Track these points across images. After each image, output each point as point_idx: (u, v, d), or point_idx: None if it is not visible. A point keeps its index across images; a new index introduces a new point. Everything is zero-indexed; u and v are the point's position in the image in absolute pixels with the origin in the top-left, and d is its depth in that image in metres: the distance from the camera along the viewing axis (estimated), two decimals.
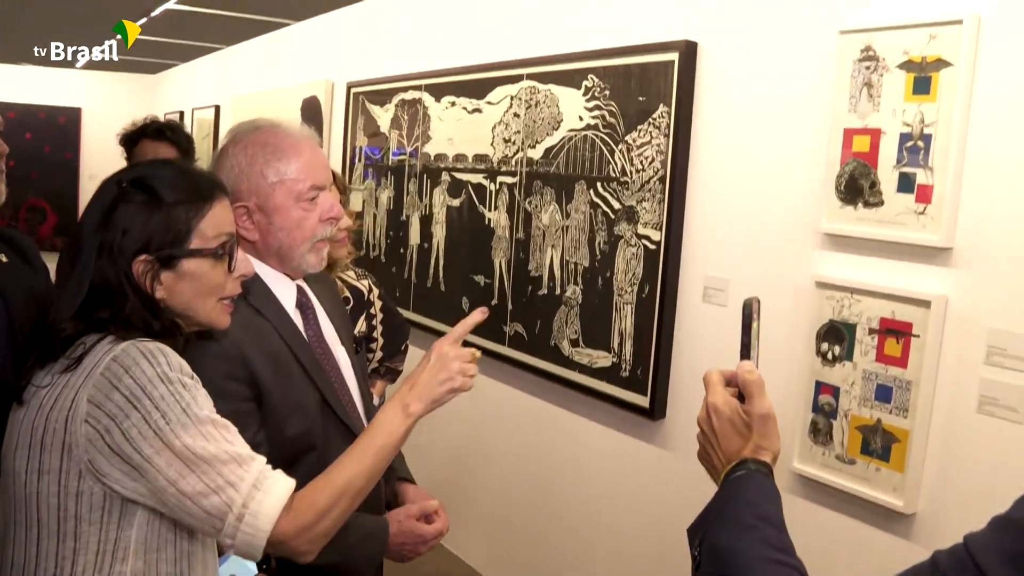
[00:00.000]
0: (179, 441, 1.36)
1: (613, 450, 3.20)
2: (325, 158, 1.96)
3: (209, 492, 1.37)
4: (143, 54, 8.18)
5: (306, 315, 1.97)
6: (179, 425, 1.36)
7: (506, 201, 3.66)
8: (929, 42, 2.15)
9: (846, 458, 2.35)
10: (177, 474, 1.36)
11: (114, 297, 1.47)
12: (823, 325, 2.40)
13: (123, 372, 1.37)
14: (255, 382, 1.79)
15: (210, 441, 1.38)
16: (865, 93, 2.28)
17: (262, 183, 1.84)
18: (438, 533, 2.04)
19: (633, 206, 2.98)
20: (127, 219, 1.50)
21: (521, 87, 3.56)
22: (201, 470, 1.37)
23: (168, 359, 1.40)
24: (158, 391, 1.37)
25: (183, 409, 1.37)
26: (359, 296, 2.79)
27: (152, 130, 3.67)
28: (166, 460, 1.35)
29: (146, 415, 1.35)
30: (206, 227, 1.53)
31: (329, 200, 1.90)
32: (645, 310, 2.95)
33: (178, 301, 1.53)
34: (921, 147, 2.17)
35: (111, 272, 1.48)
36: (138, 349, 1.40)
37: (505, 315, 3.66)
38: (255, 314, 1.84)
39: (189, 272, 1.53)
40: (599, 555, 3.29)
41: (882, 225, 2.26)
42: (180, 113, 8.65)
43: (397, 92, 4.54)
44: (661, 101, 2.87)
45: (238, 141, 1.89)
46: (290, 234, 1.87)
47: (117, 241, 1.48)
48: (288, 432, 1.83)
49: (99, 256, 1.48)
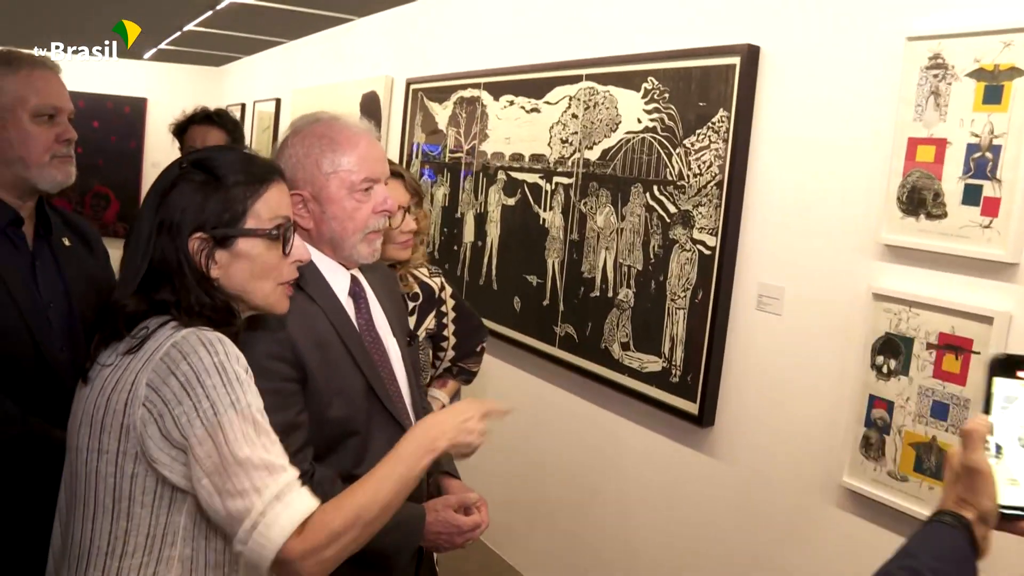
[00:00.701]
0: (221, 435, 1.37)
1: (660, 456, 3.17)
2: (382, 152, 1.99)
3: (235, 494, 1.37)
4: (207, 47, 8.31)
5: (358, 304, 2.01)
6: (226, 418, 1.38)
7: (561, 202, 3.64)
8: (1003, 50, 2.09)
9: (898, 475, 2.30)
10: (213, 467, 1.37)
11: (172, 275, 1.50)
12: (879, 338, 2.35)
13: (181, 358, 1.40)
14: (300, 364, 1.83)
15: (248, 443, 1.39)
16: (932, 102, 2.23)
17: (317, 173, 1.90)
18: (475, 526, 2.04)
19: (689, 210, 2.95)
20: (185, 198, 1.53)
21: (580, 88, 3.54)
22: (233, 471, 1.37)
23: (226, 349, 1.42)
24: (211, 380, 1.39)
25: (232, 402, 1.39)
26: (429, 293, 2.80)
27: (200, 116, 3.81)
28: (206, 451, 1.37)
29: (197, 403, 1.38)
30: (261, 208, 1.57)
31: (383, 193, 1.94)
32: (697, 316, 2.92)
33: (233, 282, 1.56)
34: (989, 159, 2.11)
35: (169, 249, 1.51)
36: (198, 337, 1.42)
37: (556, 316, 3.65)
38: (306, 299, 1.89)
39: (243, 252, 1.55)
40: (641, 561, 3.26)
41: (945, 238, 2.20)
42: (242, 105, 8.76)
43: (456, 90, 4.54)
44: (721, 105, 2.84)
45: (298, 132, 1.95)
46: (342, 224, 1.91)
47: (176, 219, 1.51)
48: (330, 415, 1.88)
49: (158, 234, 1.52)
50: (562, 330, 3.61)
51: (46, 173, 2.07)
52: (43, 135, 2.06)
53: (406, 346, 2.14)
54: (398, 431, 1.95)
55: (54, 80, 2.13)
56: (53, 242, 2.13)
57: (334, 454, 1.92)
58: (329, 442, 1.91)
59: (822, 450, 2.53)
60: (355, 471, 1.89)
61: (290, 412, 1.81)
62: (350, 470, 1.90)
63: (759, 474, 2.76)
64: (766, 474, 2.73)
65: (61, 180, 2.10)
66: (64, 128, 2.11)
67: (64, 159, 2.11)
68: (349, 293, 1.99)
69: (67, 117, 2.13)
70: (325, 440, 1.90)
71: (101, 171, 9.57)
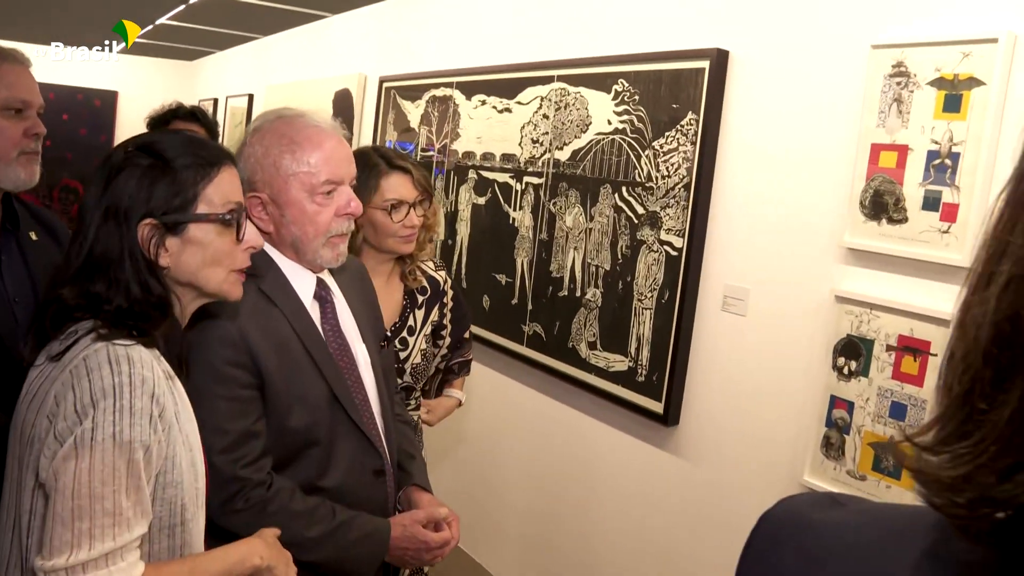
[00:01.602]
0: (88, 460, 1.29)
1: (626, 454, 3.20)
2: (347, 152, 1.90)
3: (68, 525, 1.29)
4: (180, 41, 8.26)
5: (324, 307, 1.94)
6: (100, 447, 1.30)
7: (531, 201, 3.66)
8: (962, 60, 2.13)
9: (857, 474, 2.34)
10: (63, 486, 1.29)
11: (110, 265, 1.44)
12: (841, 339, 2.39)
13: (84, 374, 1.34)
14: (258, 370, 1.76)
15: (111, 480, 1.30)
16: (894, 109, 2.27)
17: (275, 175, 1.82)
18: (444, 542, 1.98)
19: (657, 212, 2.98)
20: (132, 183, 1.47)
21: (552, 88, 3.57)
22: (80, 502, 1.29)
23: (132, 370, 1.35)
24: (105, 403, 1.31)
25: (115, 433, 1.31)
26: (436, 286, 2.79)
27: (184, 112, 3.75)
28: (65, 468, 1.30)
29: (82, 419, 1.31)
30: (213, 193, 1.51)
31: (347, 195, 1.86)
32: (664, 316, 2.95)
33: (184, 270, 1.50)
34: (948, 165, 2.16)
35: (114, 237, 1.45)
36: (107, 353, 1.36)
37: (525, 315, 3.67)
38: (265, 301, 1.82)
39: (195, 239, 1.50)
40: (607, 560, 3.29)
41: (905, 242, 2.25)
42: (214, 100, 8.72)
43: (429, 88, 4.56)
44: (690, 108, 2.87)
45: (258, 130, 1.87)
46: (303, 228, 1.83)
47: (123, 205, 1.45)
48: (291, 424, 1.80)
49: (104, 221, 1.45)
50: (530, 329, 3.64)
51: (11, 171, 2.04)
52: (10, 129, 2.03)
53: (377, 351, 2.08)
54: (363, 441, 1.92)
55: (23, 74, 2.10)
56: (20, 236, 2.11)
57: (295, 464, 1.85)
58: (290, 451, 1.84)
59: (784, 449, 2.57)
60: (319, 483, 1.86)
61: (247, 420, 1.75)
62: (313, 481, 1.86)
63: (723, 472, 2.80)
64: (729, 472, 2.77)
65: (25, 179, 2.07)
66: (33, 122, 2.09)
67: (31, 156, 2.07)
68: (314, 296, 1.92)
69: (36, 111, 2.11)
70: (286, 449, 1.83)
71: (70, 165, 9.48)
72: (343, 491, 1.89)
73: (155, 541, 1.43)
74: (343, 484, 1.90)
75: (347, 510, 1.88)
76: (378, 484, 1.98)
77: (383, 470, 1.99)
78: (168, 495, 1.42)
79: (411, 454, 2.19)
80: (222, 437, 1.73)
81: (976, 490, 0.48)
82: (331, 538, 1.83)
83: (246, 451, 1.76)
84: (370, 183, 2.50)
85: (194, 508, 1.48)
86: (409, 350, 2.68)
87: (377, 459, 1.97)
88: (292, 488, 1.82)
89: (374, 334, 2.09)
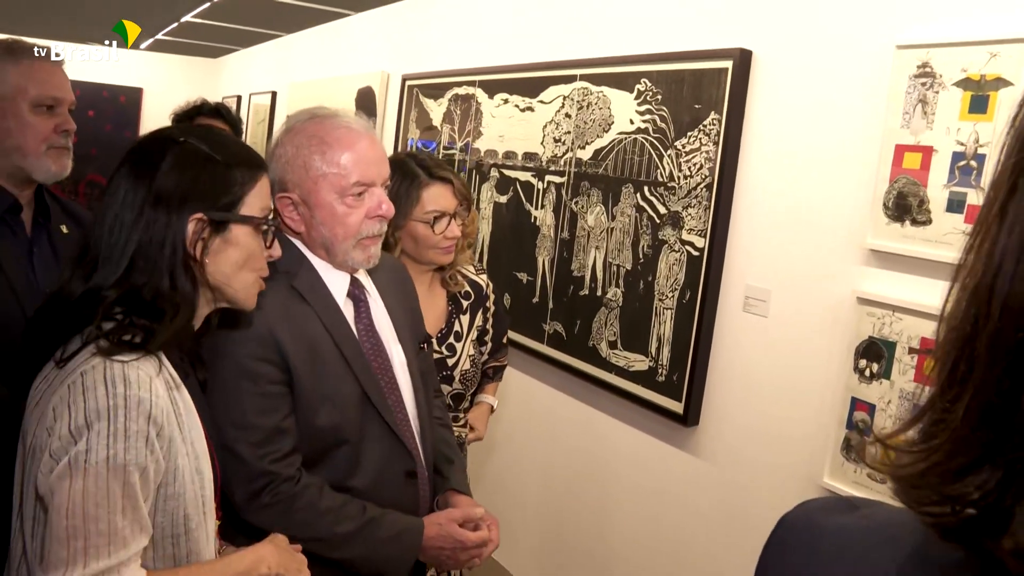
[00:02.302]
0: (81, 482, 1.28)
1: (645, 454, 3.20)
2: (380, 153, 1.87)
3: (63, 545, 1.28)
4: (204, 38, 8.32)
5: (358, 306, 1.92)
6: (94, 470, 1.28)
7: (553, 200, 3.67)
8: (989, 60, 2.12)
9: (878, 477, 2.33)
10: (57, 506, 1.29)
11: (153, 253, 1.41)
12: (863, 341, 2.38)
13: (80, 392, 1.32)
14: (286, 366, 1.75)
15: (105, 502, 1.29)
16: (919, 110, 2.26)
17: (305, 176, 1.80)
18: (482, 542, 1.93)
19: (679, 212, 2.98)
20: (186, 173, 1.44)
21: (574, 88, 3.57)
22: (74, 522, 1.28)
23: (128, 392, 1.32)
24: (99, 425, 1.30)
25: (109, 456, 1.29)
26: (478, 291, 2.76)
27: (208, 109, 3.81)
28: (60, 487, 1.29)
29: (76, 440, 1.29)
30: (254, 198, 1.51)
31: (379, 197, 1.84)
32: (685, 316, 2.95)
33: (219, 269, 1.49)
34: (974, 167, 2.14)
35: (160, 225, 1.42)
36: (104, 371, 1.33)
37: (545, 313, 3.67)
38: (297, 299, 1.81)
39: (235, 240, 1.49)
40: (623, 558, 3.29)
41: (929, 244, 2.23)
42: (237, 98, 8.77)
43: (451, 87, 4.57)
44: (713, 108, 2.87)
45: (290, 130, 1.85)
46: (332, 230, 1.82)
47: (176, 195, 1.42)
48: (319, 422, 1.79)
49: (153, 208, 1.42)
50: (551, 328, 3.64)
51: (42, 163, 2.08)
52: (41, 125, 2.07)
53: (415, 353, 2.04)
54: (395, 442, 1.90)
55: (55, 71, 2.15)
56: (51, 229, 2.15)
57: (324, 463, 1.84)
58: (318, 450, 1.83)
59: (804, 451, 2.56)
60: (347, 482, 1.85)
61: (277, 415, 1.75)
62: (342, 481, 1.85)
63: (741, 474, 2.79)
64: (748, 474, 2.76)
65: (56, 171, 2.11)
66: (63, 119, 2.13)
67: (60, 150, 2.12)
68: (348, 295, 1.90)
69: (67, 108, 2.15)
70: (314, 448, 1.82)
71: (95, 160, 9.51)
72: (373, 492, 1.87)
73: (159, 549, 1.42)
74: (373, 485, 1.88)
75: (378, 508, 1.86)
76: (409, 486, 1.95)
77: (415, 472, 1.96)
78: (170, 507, 1.41)
79: (449, 458, 2.15)
80: (252, 432, 1.73)
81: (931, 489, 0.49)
82: (360, 535, 1.81)
83: (276, 447, 1.75)
84: (411, 195, 2.44)
85: (199, 516, 1.46)
86: (457, 356, 2.64)
87: (409, 461, 1.94)
88: (321, 484, 1.81)
89: (412, 336, 2.05)
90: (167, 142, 1.48)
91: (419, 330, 2.14)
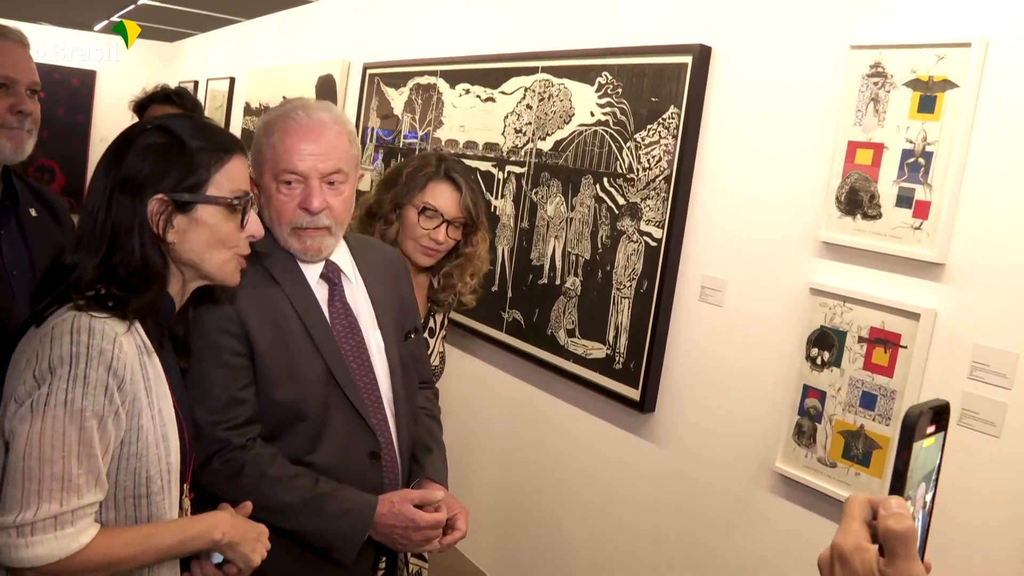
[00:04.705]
0: (40, 424, 1.35)
1: (602, 440, 3.27)
2: (324, 148, 1.89)
3: (17, 484, 1.34)
4: (161, 21, 8.22)
5: (333, 288, 1.96)
6: (51, 413, 1.35)
7: (513, 190, 3.71)
8: (937, 63, 2.20)
9: (827, 461, 2.41)
10: (16, 449, 1.35)
11: (117, 234, 1.49)
12: (814, 331, 2.46)
13: (49, 341, 1.39)
14: (248, 339, 1.81)
15: (62, 446, 1.35)
16: (871, 108, 2.34)
17: (256, 159, 1.90)
18: (436, 523, 1.93)
19: (637, 203, 3.04)
20: (148, 159, 1.51)
21: (536, 79, 3.62)
22: (30, 463, 1.34)
23: (92, 341, 1.39)
24: (61, 370, 1.36)
25: (67, 400, 1.36)
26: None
27: (160, 96, 3.82)
28: (19, 429, 1.35)
29: (39, 384, 1.36)
30: (223, 178, 1.56)
31: (310, 190, 1.87)
32: (642, 305, 3.01)
33: (188, 248, 1.55)
34: (922, 164, 2.23)
35: (126, 209, 1.49)
36: (73, 322, 1.40)
37: (504, 302, 3.72)
38: (268, 279, 1.87)
39: (202, 219, 1.54)
40: (579, 543, 3.35)
41: (879, 237, 2.32)
42: (195, 83, 8.69)
43: (413, 76, 4.59)
44: (672, 102, 2.93)
45: (264, 118, 1.95)
46: (270, 213, 1.90)
47: (137, 178, 1.50)
48: (277, 396, 1.84)
49: (120, 193, 1.50)
50: (510, 316, 3.69)
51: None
52: None
53: (396, 340, 2.06)
54: (358, 422, 1.93)
55: (12, 50, 2.11)
56: (20, 213, 2.14)
57: (284, 437, 1.88)
58: (277, 424, 1.87)
59: (757, 437, 2.64)
60: (307, 458, 1.88)
61: (233, 386, 1.80)
62: (302, 456, 1.88)
63: (697, 459, 2.87)
64: (704, 459, 2.84)
65: (9, 152, 2.09)
66: (19, 99, 2.10)
67: (14, 131, 2.10)
68: (321, 277, 1.94)
69: (24, 89, 2.13)
70: (273, 421, 1.86)
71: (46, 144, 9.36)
72: (334, 469, 1.90)
73: (120, 509, 1.47)
74: (334, 462, 1.91)
75: (333, 482, 1.88)
76: (373, 468, 1.97)
77: (378, 453, 1.97)
78: (131, 466, 1.47)
79: (428, 447, 2.17)
80: (210, 401, 1.79)
81: None
82: (308, 507, 1.83)
83: (231, 415, 1.81)
84: (418, 181, 2.55)
85: (162, 482, 1.51)
86: (430, 351, 2.69)
87: (373, 442, 1.96)
88: (274, 455, 1.84)
89: (396, 323, 2.08)
90: (136, 131, 1.56)
91: (408, 319, 2.16)
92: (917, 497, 0.85)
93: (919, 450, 0.82)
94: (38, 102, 2.18)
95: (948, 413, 0.85)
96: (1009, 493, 2.06)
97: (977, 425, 2.11)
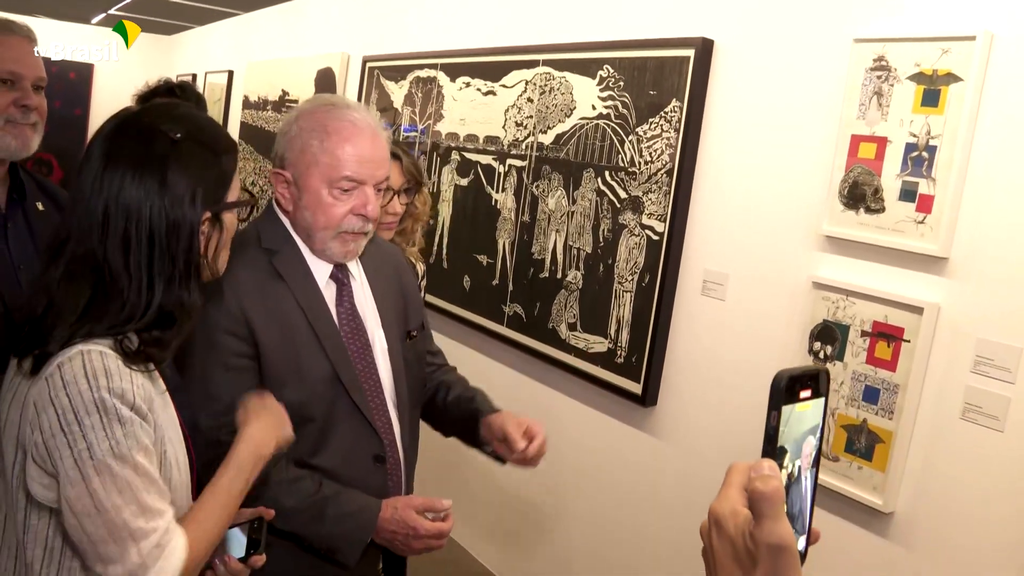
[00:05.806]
0: (97, 481, 1.30)
1: (603, 434, 3.27)
2: (379, 154, 1.89)
3: (109, 540, 1.32)
4: (159, 14, 8.19)
5: (341, 289, 1.94)
6: (103, 464, 1.31)
7: (514, 184, 3.71)
8: (941, 56, 2.20)
9: (830, 455, 2.41)
10: (84, 510, 1.31)
11: (185, 269, 1.42)
12: (817, 325, 2.46)
13: (61, 387, 1.31)
14: (253, 340, 1.77)
15: (123, 491, 1.32)
16: (875, 102, 2.33)
17: (300, 158, 1.84)
18: (438, 532, 1.90)
19: (639, 196, 3.03)
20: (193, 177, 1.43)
21: (537, 72, 3.61)
22: (108, 517, 1.31)
23: (111, 384, 1.33)
24: (89, 419, 1.30)
25: (111, 447, 1.31)
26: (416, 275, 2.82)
27: (164, 90, 3.77)
28: (77, 494, 1.31)
29: (72, 443, 1.30)
30: (235, 181, 1.53)
31: (366, 197, 1.86)
32: (644, 299, 3.01)
33: (214, 259, 1.51)
34: (925, 158, 2.23)
35: (186, 241, 1.42)
36: (83, 363, 1.32)
37: (505, 296, 3.72)
38: (275, 276, 1.84)
39: (226, 225, 1.51)
40: (581, 537, 3.36)
41: (882, 231, 2.32)
42: (193, 76, 8.66)
43: (413, 69, 4.58)
44: (674, 96, 2.92)
45: (303, 111, 1.89)
46: (315, 216, 1.85)
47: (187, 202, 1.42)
48: (283, 397, 1.78)
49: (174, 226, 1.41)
50: (511, 310, 3.69)
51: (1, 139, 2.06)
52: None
53: (399, 340, 2.04)
54: (364, 424, 1.91)
55: (19, 45, 2.11)
56: (27, 207, 2.14)
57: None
58: None
59: (759, 431, 2.63)
60: (312, 460, 1.86)
61: (237, 390, 1.74)
62: (307, 459, 1.86)
63: (698, 453, 2.87)
64: (705, 453, 2.84)
65: (16, 147, 2.09)
66: (24, 94, 2.10)
67: (19, 126, 2.09)
68: (331, 277, 1.92)
69: (30, 84, 2.12)
70: None
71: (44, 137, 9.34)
72: (339, 472, 1.88)
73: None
74: (339, 465, 1.89)
75: (336, 485, 1.87)
76: (377, 471, 1.95)
77: (383, 457, 1.96)
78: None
79: (471, 396, 2.26)
80: (212, 403, 1.75)
81: None
82: (309, 510, 1.81)
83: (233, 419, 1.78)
84: None
85: (181, 502, 1.49)
86: None
87: (377, 445, 1.94)
88: (275, 458, 1.79)
89: (399, 323, 2.06)
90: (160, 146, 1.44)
91: (412, 317, 2.14)
92: (804, 455, 0.88)
93: (790, 414, 0.85)
94: (44, 98, 2.17)
95: (826, 380, 0.87)
96: (1012, 487, 2.06)
97: (980, 419, 2.11)
